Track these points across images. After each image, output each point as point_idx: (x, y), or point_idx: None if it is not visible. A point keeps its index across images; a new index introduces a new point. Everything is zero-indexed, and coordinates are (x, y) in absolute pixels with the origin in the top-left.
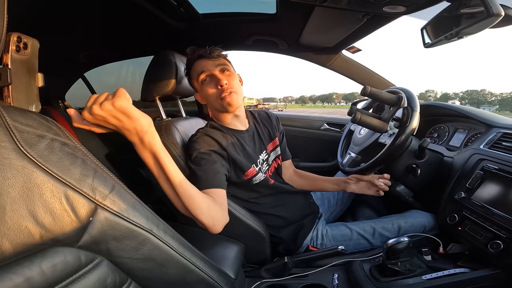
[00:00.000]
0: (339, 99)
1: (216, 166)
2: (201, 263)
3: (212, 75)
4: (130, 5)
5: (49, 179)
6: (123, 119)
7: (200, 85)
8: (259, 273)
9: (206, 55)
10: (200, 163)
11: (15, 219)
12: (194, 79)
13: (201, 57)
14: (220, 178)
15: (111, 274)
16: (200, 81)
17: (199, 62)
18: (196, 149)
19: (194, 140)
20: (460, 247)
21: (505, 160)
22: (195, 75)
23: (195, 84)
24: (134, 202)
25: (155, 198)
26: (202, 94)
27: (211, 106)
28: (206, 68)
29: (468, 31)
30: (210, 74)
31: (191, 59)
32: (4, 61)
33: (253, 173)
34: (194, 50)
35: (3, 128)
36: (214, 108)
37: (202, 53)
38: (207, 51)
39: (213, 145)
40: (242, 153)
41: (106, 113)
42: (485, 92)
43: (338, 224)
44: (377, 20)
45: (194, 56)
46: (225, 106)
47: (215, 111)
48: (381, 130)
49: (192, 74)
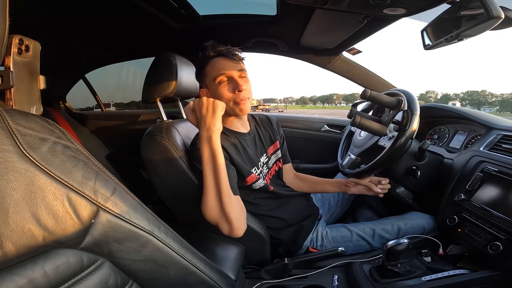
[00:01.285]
0: (340, 100)
1: (229, 170)
2: (201, 265)
3: (232, 78)
4: (130, 7)
5: (52, 181)
6: (209, 112)
7: (214, 84)
8: (259, 274)
9: (228, 55)
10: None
11: (18, 221)
12: (209, 76)
13: (222, 55)
14: (235, 185)
15: (113, 275)
16: (217, 81)
17: (219, 61)
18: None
19: (193, 148)
20: (459, 249)
21: (505, 162)
22: (212, 72)
23: (207, 81)
24: (135, 204)
25: (155, 199)
26: (213, 93)
27: None
28: (226, 69)
29: (468, 33)
30: (229, 77)
31: (210, 55)
32: (6, 64)
33: (253, 179)
34: (215, 46)
35: (5, 132)
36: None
37: (224, 52)
38: (229, 51)
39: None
40: (244, 155)
41: (205, 101)
42: (486, 93)
43: (338, 225)
44: (377, 22)
45: (214, 52)
46: (238, 111)
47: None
48: (381, 134)
49: (208, 70)
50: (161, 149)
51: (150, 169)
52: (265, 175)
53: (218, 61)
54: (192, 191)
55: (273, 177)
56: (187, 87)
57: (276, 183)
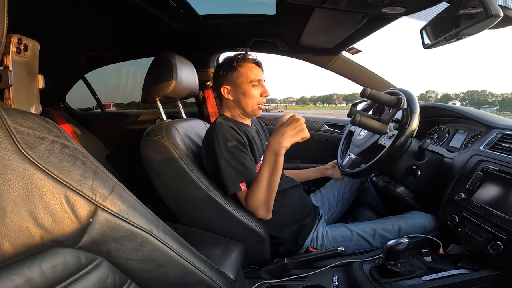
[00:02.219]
0: (340, 100)
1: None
2: (201, 264)
3: (262, 84)
4: (130, 7)
5: (50, 180)
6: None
7: (247, 84)
8: (259, 274)
9: (259, 64)
10: (241, 160)
11: (15, 220)
12: (244, 76)
13: (256, 64)
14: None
15: (111, 275)
16: (253, 82)
17: (255, 67)
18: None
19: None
20: (460, 248)
21: (505, 161)
22: (249, 74)
23: (239, 80)
24: (134, 203)
25: (155, 199)
26: (242, 91)
27: (243, 104)
28: (260, 76)
29: (467, 32)
30: (261, 83)
31: (247, 60)
32: (4, 63)
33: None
34: (248, 54)
35: (3, 130)
36: (244, 108)
37: (257, 61)
38: (259, 61)
39: (239, 138)
40: (254, 144)
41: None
42: (486, 93)
43: (339, 225)
44: (376, 21)
45: (252, 59)
46: (256, 113)
47: (239, 110)
48: (381, 132)
49: (244, 71)
50: (161, 149)
51: (149, 169)
52: None
53: (254, 67)
54: (192, 191)
55: None
56: (187, 87)
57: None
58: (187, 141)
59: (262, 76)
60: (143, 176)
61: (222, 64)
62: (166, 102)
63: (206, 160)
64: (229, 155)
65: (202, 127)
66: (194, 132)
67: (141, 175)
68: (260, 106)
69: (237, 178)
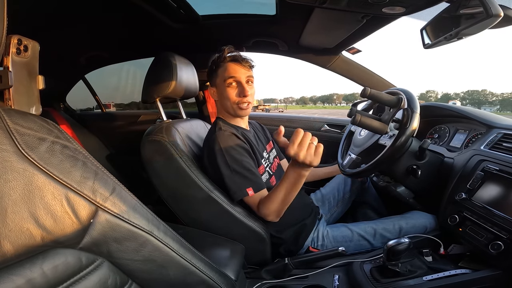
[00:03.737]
0: (340, 100)
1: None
2: (201, 265)
3: (240, 82)
4: (130, 7)
5: (50, 181)
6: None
7: (223, 84)
8: (260, 274)
9: (241, 61)
10: (246, 165)
11: (16, 221)
12: (220, 77)
13: (236, 61)
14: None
15: (111, 275)
16: (226, 82)
17: (232, 65)
18: (233, 149)
19: (223, 138)
20: (461, 248)
21: (505, 161)
22: (224, 74)
23: (217, 81)
24: (134, 204)
25: (155, 199)
26: (220, 92)
27: (224, 105)
28: (237, 73)
29: (467, 32)
30: (238, 81)
31: (225, 58)
32: (4, 64)
33: (262, 171)
34: (231, 50)
35: (4, 131)
36: (226, 109)
37: (237, 58)
38: (243, 58)
39: (242, 144)
40: (256, 148)
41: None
42: (486, 92)
43: (339, 225)
44: (376, 21)
45: (230, 56)
46: (239, 113)
47: (225, 112)
48: (381, 132)
49: (220, 72)
50: (161, 149)
51: (150, 169)
52: (269, 168)
53: (231, 65)
54: (192, 191)
55: (275, 172)
56: (187, 87)
57: (279, 175)
58: (187, 142)
59: (241, 73)
60: (144, 176)
61: (209, 66)
62: (166, 102)
63: (210, 167)
64: (233, 161)
65: (202, 127)
66: (195, 132)
67: (142, 175)
68: (241, 106)
69: (243, 184)
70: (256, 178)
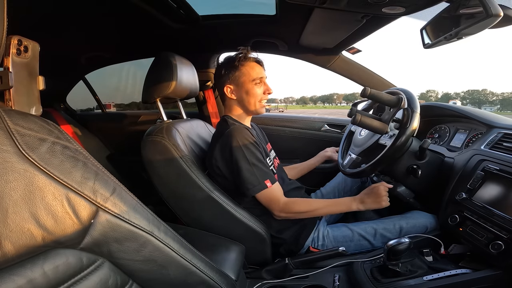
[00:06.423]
0: (340, 100)
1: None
2: (202, 265)
3: (265, 82)
4: (130, 8)
5: (51, 182)
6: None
7: (250, 82)
8: (260, 274)
9: (262, 63)
10: (262, 159)
11: (17, 221)
12: (247, 75)
13: (258, 62)
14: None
15: (112, 275)
16: (255, 81)
17: (257, 66)
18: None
19: (240, 132)
20: (461, 248)
21: (505, 160)
22: (252, 73)
23: (242, 79)
24: (135, 204)
25: (156, 199)
26: (245, 90)
27: (245, 102)
28: (262, 73)
29: (467, 32)
30: (264, 80)
31: (248, 58)
32: (5, 65)
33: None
34: (249, 52)
35: (4, 132)
36: (247, 106)
37: (259, 60)
38: (260, 60)
39: (254, 139)
40: (261, 145)
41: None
42: (486, 92)
43: (339, 225)
44: (376, 21)
45: (252, 57)
46: (259, 110)
47: (242, 109)
48: (382, 132)
49: (247, 70)
50: (162, 149)
51: (150, 169)
52: (273, 167)
53: (256, 65)
54: (193, 191)
55: (277, 171)
56: (187, 87)
57: (280, 176)
58: (188, 142)
59: (264, 73)
60: (144, 176)
61: (223, 63)
62: (166, 102)
63: (222, 162)
64: (251, 155)
65: (202, 127)
66: (195, 132)
67: (142, 175)
68: (262, 103)
69: (262, 176)
70: (270, 172)
